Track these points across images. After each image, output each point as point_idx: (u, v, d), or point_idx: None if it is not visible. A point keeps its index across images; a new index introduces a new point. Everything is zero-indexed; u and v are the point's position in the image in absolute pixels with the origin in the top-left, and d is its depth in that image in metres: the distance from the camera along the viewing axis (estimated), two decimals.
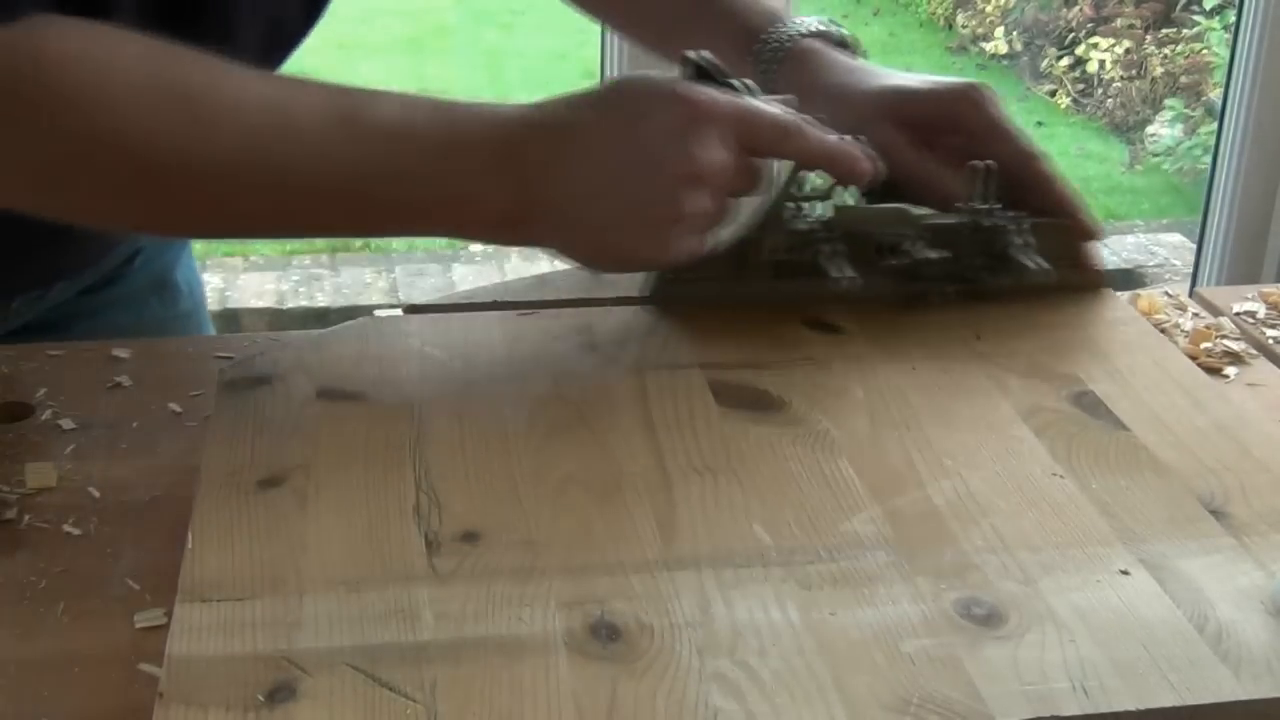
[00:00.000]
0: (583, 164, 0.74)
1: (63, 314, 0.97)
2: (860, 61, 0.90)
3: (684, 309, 0.83)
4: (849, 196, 0.83)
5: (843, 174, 0.79)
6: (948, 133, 0.86)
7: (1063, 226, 0.84)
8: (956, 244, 0.83)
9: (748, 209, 0.80)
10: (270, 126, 0.71)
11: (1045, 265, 0.82)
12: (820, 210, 0.83)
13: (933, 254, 0.82)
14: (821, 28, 0.91)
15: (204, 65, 0.71)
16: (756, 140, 0.76)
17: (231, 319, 3.13)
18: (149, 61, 0.70)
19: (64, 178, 0.71)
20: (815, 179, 0.82)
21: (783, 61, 0.90)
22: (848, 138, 0.79)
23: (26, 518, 0.67)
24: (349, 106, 0.73)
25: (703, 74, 0.78)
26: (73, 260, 0.94)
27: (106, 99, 0.68)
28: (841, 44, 0.91)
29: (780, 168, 0.80)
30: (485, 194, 0.74)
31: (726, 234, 0.81)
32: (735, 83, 0.78)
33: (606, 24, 1.06)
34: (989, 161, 0.82)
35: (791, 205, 0.82)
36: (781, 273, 0.83)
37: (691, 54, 0.78)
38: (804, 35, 0.90)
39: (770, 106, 0.77)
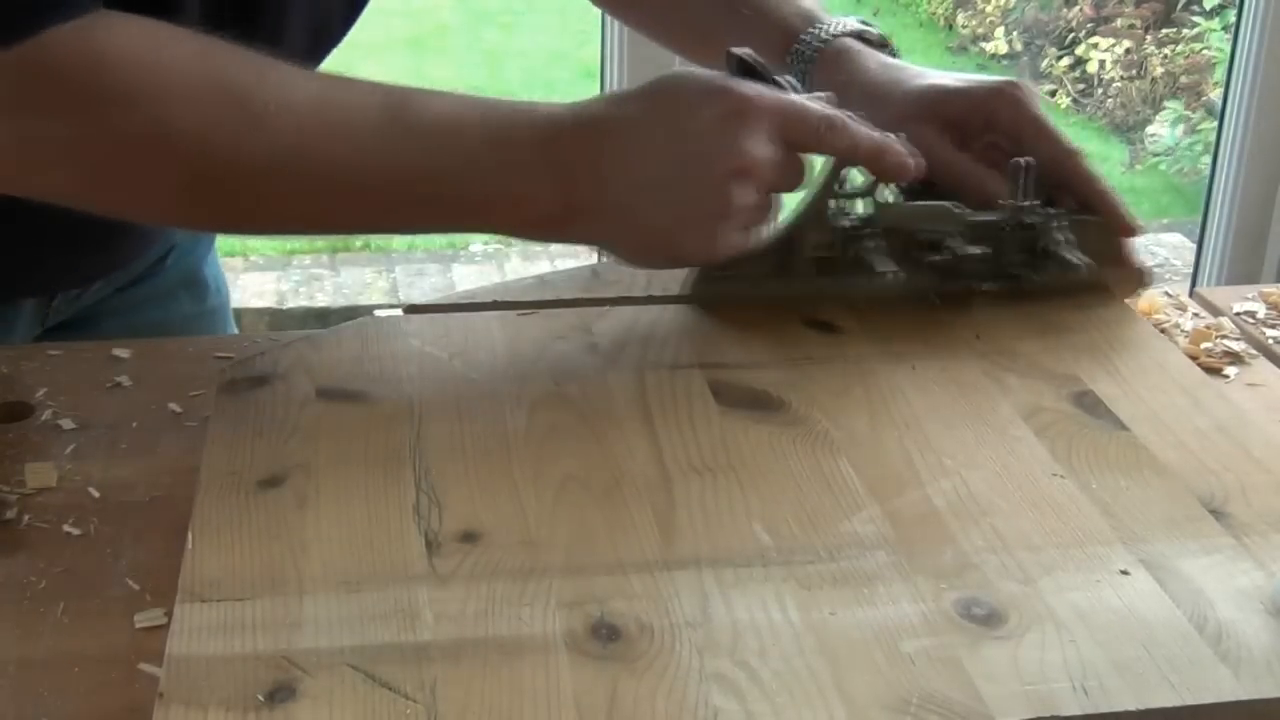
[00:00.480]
0: (630, 161, 0.75)
1: (97, 311, 0.98)
2: (897, 60, 0.91)
3: (684, 308, 0.83)
4: (888, 194, 0.84)
5: (887, 170, 0.80)
6: (984, 130, 0.86)
7: (1103, 224, 0.85)
8: (999, 241, 0.83)
9: (790, 205, 0.81)
10: (321, 124, 0.72)
11: (1087, 262, 0.82)
12: (861, 207, 0.83)
13: (975, 250, 0.82)
14: (858, 27, 0.91)
15: (255, 63, 0.72)
16: (803, 136, 0.77)
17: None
18: (201, 59, 0.71)
19: (116, 174, 0.72)
20: (856, 175, 0.82)
21: (818, 60, 0.90)
22: (889, 134, 0.79)
23: (26, 518, 0.67)
24: (398, 104, 0.74)
25: (746, 70, 0.78)
26: (114, 259, 0.95)
27: (159, 96, 0.69)
28: (877, 43, 0.92)
29: (822, 164, 0.81)
30: (532, 192, 0.75)
31: (769, 231, 0.81)
32: (779, 80, 0.79)
33: (634, 26, 1.06)
34: (1029, 159, 0.82)
35: (833, 202, 0.82)
36: (822, 269, 0.83)
37: (737, 50, 0.78)
38: (840, 34, 0.90)
39: (816, 103, 0.78)
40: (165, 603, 0.60)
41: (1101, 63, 4.13)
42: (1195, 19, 4.04)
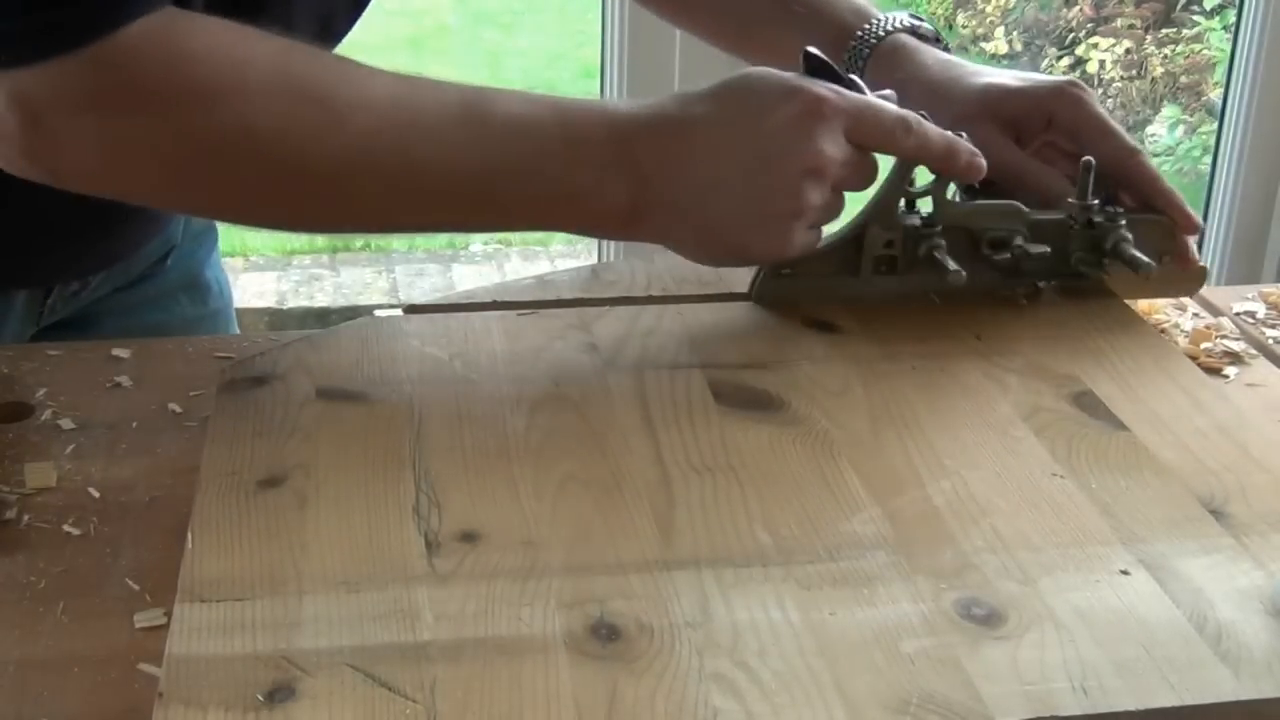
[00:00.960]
0: (702, 160, 0.75)
1: (96, 312, 0.97)
2: (953, 57, 0.91)
3: (681, 308, 0.83)
4: (951, 192, 0.84)
5: (958, 171, 0.80)
6: (1043, 130, 0.87)
7: (1165, 222, 0.85)
8: (1064, 239, 0.84)
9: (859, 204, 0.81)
10: (397, 122, 0.73)
11: (1151, 261, 0.82)
12: (927, 206, 0.83)
13: (1041, 249, 0.83)
14: (911, 22, 0.91)
15: (332, 62, 0.73)
16: (877, 136, 0.77)
17: None
18: (279, 58, 0.71)
19: (197, 172, 0.72)
20: (921, 174, 0.82)
21: (873, 57, 0.90)
22: (958, 134, 0.79)
23: (26, 518, 0.67)
24: (473, 104, 0.74)
25: (818, 70, 0.78)
26: (112, 251, 0.95)
27: (239, 93, 0.70)
28: (930, 39, 0.92)
29: (893, 163, 0.81)
30: (603, 191, 0.75)
31: (837, 229, 0.81)
32: (851, 79, 0.79)
33: (679, 24, 1.06)
34: (1090, 158, 0.83)
35: (900, 201, 0.82)
36: (889, 268, 0.83)
37: (811, 50, 0.79)
38: (895, 30, 0.90)
39: (888, 103, 0.78)
40: (165, 603, 0.60)
41: (1101, 63, 4.13)
42: (1195, 19, 4.04)
